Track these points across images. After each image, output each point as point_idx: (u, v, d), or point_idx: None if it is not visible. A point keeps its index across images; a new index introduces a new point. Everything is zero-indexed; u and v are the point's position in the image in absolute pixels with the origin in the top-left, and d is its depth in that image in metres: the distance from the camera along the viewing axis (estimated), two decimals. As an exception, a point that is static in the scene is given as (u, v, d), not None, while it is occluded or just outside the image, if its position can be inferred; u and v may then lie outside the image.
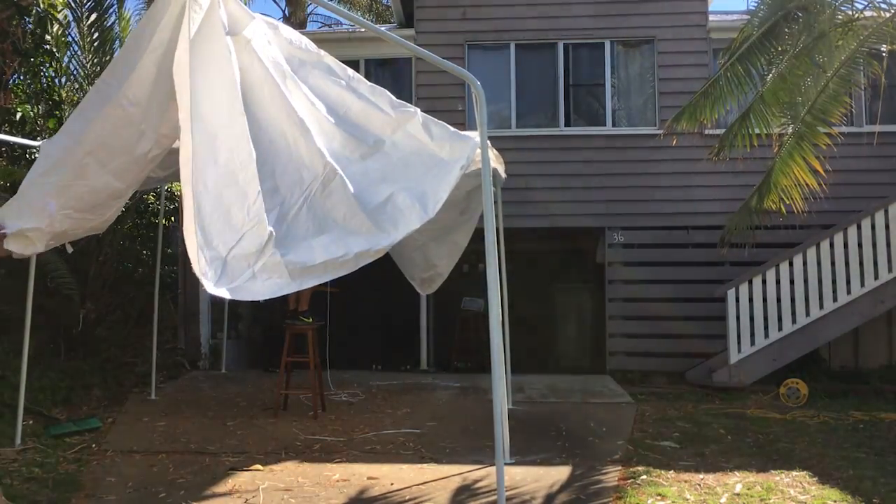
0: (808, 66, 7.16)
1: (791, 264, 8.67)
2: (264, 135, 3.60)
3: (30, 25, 8.97)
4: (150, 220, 10.51)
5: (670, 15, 10.23)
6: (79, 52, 10.68)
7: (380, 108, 4.14)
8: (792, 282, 8.64)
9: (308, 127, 3.71)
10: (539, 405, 7.73)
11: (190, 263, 3.03)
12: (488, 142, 4.44)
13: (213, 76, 3.29)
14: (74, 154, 4.40)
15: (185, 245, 2.95)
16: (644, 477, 5.13)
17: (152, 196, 10.42)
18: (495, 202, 5.58)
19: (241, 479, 5.09)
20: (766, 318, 8.64)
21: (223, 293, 3.08)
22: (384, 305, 10.64)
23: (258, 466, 5.37)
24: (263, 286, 3.24)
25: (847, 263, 8.56)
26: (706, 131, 9.01)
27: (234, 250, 3.13)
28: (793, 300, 8.61)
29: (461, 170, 4.19)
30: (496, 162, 5.98)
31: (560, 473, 5.27)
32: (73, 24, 10.62)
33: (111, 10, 11.12)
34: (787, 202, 7.44)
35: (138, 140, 4.28)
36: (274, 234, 3.30)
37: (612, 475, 5.24)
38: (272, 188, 3.52)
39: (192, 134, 3.10)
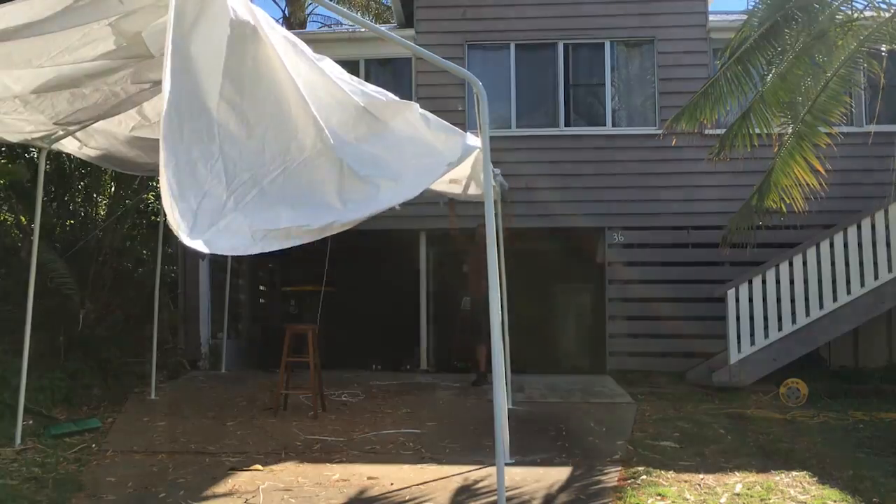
0: (807, 66, 7.16)
1: (791, 264, 8.66)
2: (266, 99, 3.56)
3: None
4: (151, 219, 10.51)
5: (670, 15, 10.23)
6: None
7: (380, 98, 4.19)
8: (792, 282, 8.63)
9: (307, 100, 3.69)
10: (539, 405, 7.72)
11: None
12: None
13: (206, 34, 3.23)
14: None
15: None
16: (644, 477, 5.12)
17: (152, 196, 10.42)
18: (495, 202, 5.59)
19: (241, 479, 5.08)
20: (766, 318, 8.62)
21: (199, 245, 3.05)
22: (384, 305, 10.65)
23: (258, 466, 5.37)
24: (228, 244, 3.24)
25: (847, 263, 8.55)
26: (706, 131, 8.99)
27: (203, 204, 3.12)
28: (793, 300, 8.60)
29: (448, 166, 4.25)
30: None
31: (560, 473, 5.26)
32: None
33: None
34: (788, 202, 7.44)
35: None
36: (231, 197, 3.28)
37: (612, 475, 5.24)
38: (258, 148, 3.49)
39: (172, 85, 3.03)
